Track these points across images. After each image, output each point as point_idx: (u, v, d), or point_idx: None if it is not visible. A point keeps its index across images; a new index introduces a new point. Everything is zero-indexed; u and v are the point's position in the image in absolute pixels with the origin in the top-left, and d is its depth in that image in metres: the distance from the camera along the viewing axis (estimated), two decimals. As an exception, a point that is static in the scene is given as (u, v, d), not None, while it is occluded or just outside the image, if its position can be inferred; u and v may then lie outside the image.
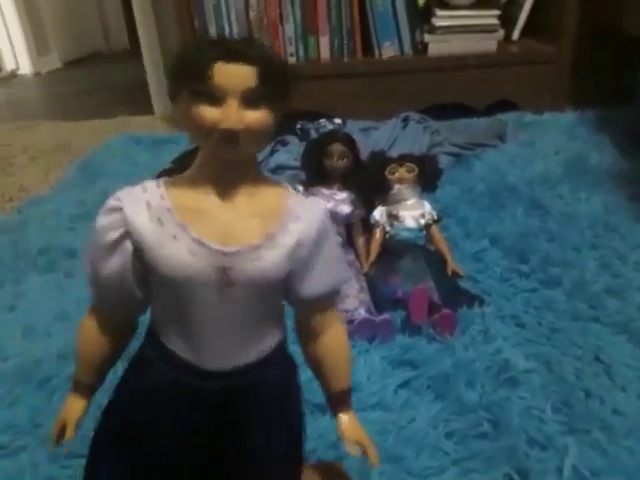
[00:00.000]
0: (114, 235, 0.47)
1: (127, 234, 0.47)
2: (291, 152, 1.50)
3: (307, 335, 0.55)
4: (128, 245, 0.47)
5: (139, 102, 2.23)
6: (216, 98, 0.44)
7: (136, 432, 0.51)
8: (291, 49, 1.80)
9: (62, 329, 0.95)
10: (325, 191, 1.13)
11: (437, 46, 1.81)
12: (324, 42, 1.80)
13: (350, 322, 0.93)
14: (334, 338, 0.55)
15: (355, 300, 0.97)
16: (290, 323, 0.55)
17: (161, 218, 0.47)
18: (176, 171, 0.51)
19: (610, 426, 0.75)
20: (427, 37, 1.80)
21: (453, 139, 1.59)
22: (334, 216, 1.11)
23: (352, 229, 1.14)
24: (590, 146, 1.57)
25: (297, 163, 1.34)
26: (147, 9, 2.17)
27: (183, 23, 1.77)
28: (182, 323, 0.49)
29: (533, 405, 0.78)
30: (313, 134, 1.48)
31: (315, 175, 1.17)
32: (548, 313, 0.96)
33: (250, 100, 0.44)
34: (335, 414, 0.56)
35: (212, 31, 1.78)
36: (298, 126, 1.57)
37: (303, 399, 0.56)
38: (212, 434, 0.51)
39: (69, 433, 0.53)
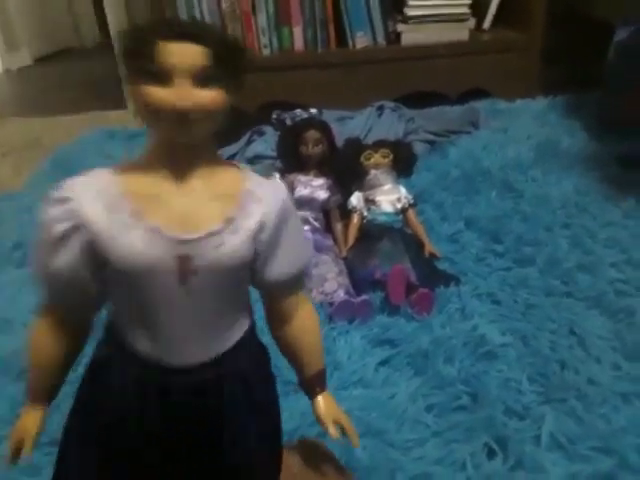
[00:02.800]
0: (62, 227, 0.44)
1: (77, 226, 0.44)
2: (268, 142, 1.50)
3: (277, 320, 0.53)
4: (79, 237, 0.44)
5: (111, 97, 2.19)
6: (165, 78, 0.42)
7: (103, 433, 0.49)
8: (264, 40, 1.79)
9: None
10: (302, 178, 1.14)
11: (410, 35, 1.82)
12: (297, 33, 1.79)
13: (330, 304, 0.94)
14: (305, 321, 0.53)
15: (334, 283, 0.98)
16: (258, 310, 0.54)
17: (113, 206, 0.44)
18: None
19: (585, 395, 0.77)
20: (400, 27, 1.81)
21: (428, 126, 1.60)
22: (312, 202, 1.12)
23: (330, 215, 1.14)
24: (561, 131, 1.60)
25: (274, 152, 1.35)
26: (119, 3, 2.15)
27: (155, 16, 1.75)
28: (143, 318, 0.46)
29: (510, 377, 0.80)
30: (289, 124, 1.48)
31: (291, 162, 1.17)
32: (523, 290, 0.98)
33: (201, 79, 0.42)
34: (312, 397, 0.55)
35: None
36: (274, 116, 1.56)
37: (276, 386, 0.55)
38: (182, 431, 0.49)
39: (27, 450, 0.50)
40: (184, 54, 0.41)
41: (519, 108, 1.76)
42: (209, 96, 0.42)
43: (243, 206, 0.46)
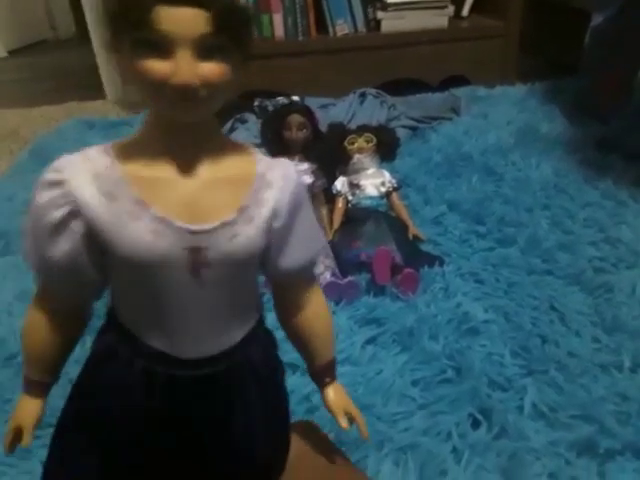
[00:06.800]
0: (58, 214, 0.40)
1: (74, 212, 0.40)
2: (250, 129, 1.50)
3: (288, 309, 0.51)
4: (77, 224, 0.40)
5: (89, 88, 2.17)
6: (165, 48, 0.37)
7: (104, 422, 0.47)
8: (245, 28, 1.79)
9: (23, 308, 0.92)
10: (286, 163, 1.14)
11: (390, 23, 1.83)
12: (278, 21, 1.79)
13: (316, 286, 0.95)
14: (316, 310, 0.51)
15: (321, 265, 0.99)
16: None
17: (113, 192, 0.40)
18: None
19: (566, 367, 0.80)
20: (380, 14, 1.82)
21: (409, 113, 1.62)
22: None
23: (315, 199, 1.15)
24: (540, 116, 1.62)
25: (257, 140, 1.35)
26: (94, -8, 2.12)
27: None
28: (152, 309, 0.43)
29: (493, 351, 0.82)
30: (271, 110, 1.48)
31: (276, 147, 1.17)
32: (504, 269, 1.00)
33: (205, 49, 0.37)
34: (321, 387, 0.53)
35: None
36: (256, 103, 1.57)
37: (285, 374, 0.54)
38: (189, 422, 0.47)
39: (26, 439, 0.48)
40: (186, 20, 0.36)
41: (498, 95, 1.79)
42: (214, 69, 0.38)
43: (256, 192, 0.43)
